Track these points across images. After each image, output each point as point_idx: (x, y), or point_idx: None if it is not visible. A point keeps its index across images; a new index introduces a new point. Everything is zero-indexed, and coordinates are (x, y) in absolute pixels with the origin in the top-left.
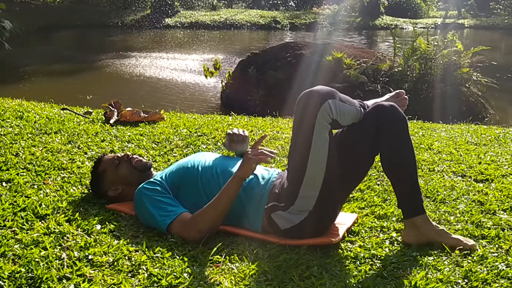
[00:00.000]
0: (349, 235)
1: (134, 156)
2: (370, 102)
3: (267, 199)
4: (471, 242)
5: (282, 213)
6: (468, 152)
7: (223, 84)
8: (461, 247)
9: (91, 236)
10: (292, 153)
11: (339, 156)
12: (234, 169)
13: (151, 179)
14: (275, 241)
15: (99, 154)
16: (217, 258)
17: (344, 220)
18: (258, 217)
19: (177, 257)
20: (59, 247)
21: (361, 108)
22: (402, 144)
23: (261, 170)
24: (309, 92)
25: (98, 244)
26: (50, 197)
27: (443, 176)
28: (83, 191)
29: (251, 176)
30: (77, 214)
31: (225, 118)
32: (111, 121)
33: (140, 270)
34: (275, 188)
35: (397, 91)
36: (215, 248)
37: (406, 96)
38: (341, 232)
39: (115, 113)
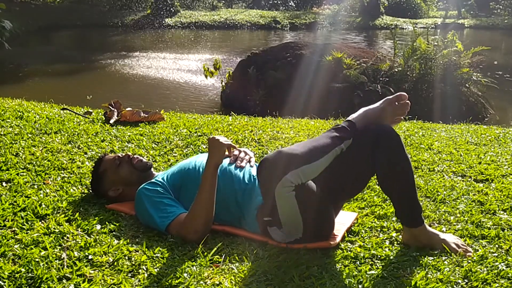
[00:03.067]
0: (349, 235)
1: (135, 156)
2: (361, 111)
3: (260, 209)
4: (469, 251)
5: (276, 229)
6: (468, 152)
7: (223, 84)
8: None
9: (91, 236)
10: (264, 201)
11: (332, 174)
12: (235, 170)
13: (153, 180)
14: (274, 243)
15: (100, 154)
16: (217, 258)
17: (344, 220)
18: (256, 224)
19: (177, 257)
20: (59, 247)
21: (341, 146)
22: (397, 165)
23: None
24: (269, 164)
25: (98, 244)
26: (50, 197)
27: (443, 176)
28: (83, 191)
29: (247, 177)
30: (77, 214)
31: (225, 118)
32: (111, 121)
33: (140, 270)
34: None
35: (398, 94)
36: (215, 248)
37: (408, 101)
38: (341, 233)
39: (115, 113)
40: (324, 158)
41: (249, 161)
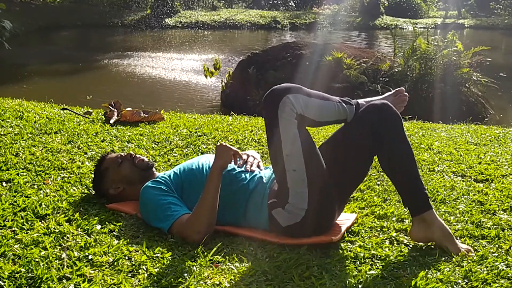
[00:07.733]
0: (349, 235)
1: (137, 155)
2: (365, 100)
3: (268, 197)
4: (471, 252)
5: (281, 210)
6: (468, 152)
7: (223, 84)
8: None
9: (91, 236)
10: (269, 152)
11: (335, 155)
12: (241, 172)
13: (157, 178)
14: (275, 241)
15: (103, 153)
16: (217, 258)
17: (344, 219)
18: (262, 215)
19: (177, 257)
20: (59, 247)
21: (343, 104)
22: (400, 143)
23: (264, 170)
24: (271, 90)
25: (98, 244)
26: (50, 197)
27: (443, 176)
28: (83, 191)
29: (257, 176)
30: (77, 214)
31: (225, 118)
32: (111, 121)
33: (140, 270)
34: (275, 185)
35: (397, 89)
36: (215, 248)
37: (406, 93)
38: (342, 230)
39: (115, 113)
40: (327, 103)
41: (258, 166)
